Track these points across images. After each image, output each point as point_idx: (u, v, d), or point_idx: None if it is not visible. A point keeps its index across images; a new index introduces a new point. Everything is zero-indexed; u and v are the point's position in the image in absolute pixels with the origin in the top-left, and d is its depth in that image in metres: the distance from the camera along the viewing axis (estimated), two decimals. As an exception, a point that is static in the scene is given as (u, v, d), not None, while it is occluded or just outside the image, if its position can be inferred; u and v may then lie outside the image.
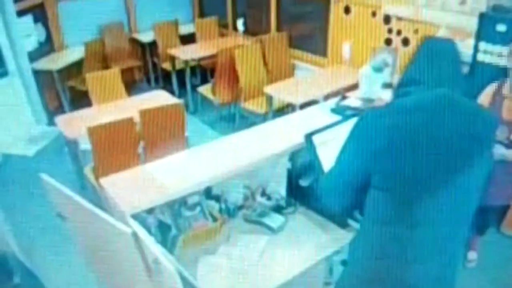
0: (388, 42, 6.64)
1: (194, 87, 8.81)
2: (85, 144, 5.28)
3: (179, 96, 8.07)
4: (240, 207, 3.65)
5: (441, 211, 2.32)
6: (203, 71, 9.64)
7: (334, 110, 3.97)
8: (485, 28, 5.05)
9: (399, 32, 6.47)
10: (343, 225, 3.39)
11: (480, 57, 5.12)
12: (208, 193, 3.50)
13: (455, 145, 2.29)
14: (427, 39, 2.67)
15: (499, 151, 3.83)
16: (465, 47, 5.45)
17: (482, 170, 2.43)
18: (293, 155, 3.58)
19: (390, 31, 6.58)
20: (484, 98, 3.96)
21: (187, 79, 8.82)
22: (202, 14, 10.66)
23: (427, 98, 2.37)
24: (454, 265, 2.56)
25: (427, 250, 2.37)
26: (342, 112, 3.89)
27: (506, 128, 3.83)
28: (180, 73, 9.00)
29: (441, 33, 5.83)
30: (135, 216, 2.78)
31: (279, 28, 8.80)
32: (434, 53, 2.51)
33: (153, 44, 9.75)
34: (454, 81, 2.46)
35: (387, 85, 4.15)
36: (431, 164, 2.28)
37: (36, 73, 8.28)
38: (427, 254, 2.37)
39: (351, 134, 2.51)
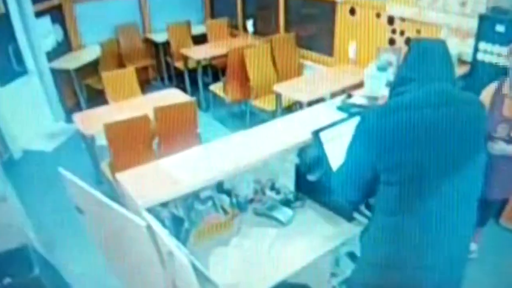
0: (392, 42, 6.64)
1: (206, 86, 8.83)
2: (102, 140, 5.29)
3: (192, 94, 8.05)
4: (250, 201, 3.66)
5: (448, 200, 2.35)
6: (215, 70, 9.66)
7: (340, 108, 3.97)
8: (485, 29, 5.05)
9: (402, 33, 6.46)
10: (349, 218, 3.40)
11: (480, 56, 5.13)
12: (219, 187, 3.50)
13: (456, 135, 2.32)
14: (414, 40, 2.68)
15: (501, 146, 3.83)
16: (466, 46, 5.47)
17: (482, 157, 2.47)
18: (301, 151, 3.59)
19: (393, 31, 6.58)
20: (485, 96, 3.96)
21: (199, 77, 8.83)
22: (213, 16, 10.69)
23: (423, 94, 2.40)
24: (464, 250, 2.59)
25: (438, 237, 2.39)
26: (348, 109, 3.89)
27: (506, 125, 3.83)
28: (193, 72, 9.01)
29: (443, 33, 5.83)
30: (149, 210, 2.78)
31: (287, 29, 8.80)
32: (423, 51, 2.52)
33: (166, 44, 9.77)
34: (445, 75, 2.49)
35: (391, 84, 4.15)
36: (435, 156, 2.31)
37: (54, 72, 8.34)
38: (438, 240, 2.39)
39: (355, 134, 2.54)
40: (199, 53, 8.87)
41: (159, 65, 10.24)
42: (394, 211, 2.43)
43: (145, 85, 9.00)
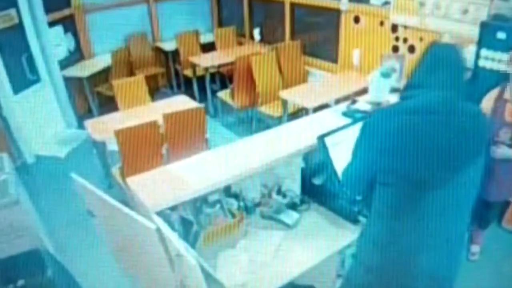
0: (395, 49, 6.62)
1: (214, 92, 8.83)
2: (113, 146, 5.29)
3: (200, 101, 8.08)
4: (257, 204, 3.66)
5: (442, 206, 2.35)
6: (222, 77, 9.64)
7: (345, 113, 3.97)
8: (486, 36, 5.04)
9: (405, 40, 6.45)
10: (354, 221, 3.40)
11: (482, 63, 5.11)
12: (227, 191, 3.51)
13: (455, 144, 2.31)
14: (433, 44, 2.65)
15: (503, 150, 3.84)
16: (467, 53, 5.45)
17: (479, 167, 2.44)
18: (306, 155, 3.59)
19: (397, 39, 6.56)
20: (487, 102, 3.96)
21: (207, 85, 8.83)
22: (221, 24, 10.68)
23: (427, 101, 2.40)
24: (456, 255, 2.56)
25: (430, 241, 2.39)
26: (353, 115, 3.89)
27: (508, 130, 3.84)
28: (201, 79, 9.00)
29: (445, 40, 5.82)
30: (159, 213, 2.79)
31: (293, 37, 8.79)
32: (438, 59, 2.49)
33: (175, 52, 9.75)
34: (456, 86, 2.45)
35: (394, 90, 4.15)
36: (432, 162, 2.31)
37: (67, 79, 8.35)
38: (430, 244, 2.39)
39: (360, 132, 2.54)
40: (207, 61, 8.87)
41: (168, 73, 10.24)
42: (389, 215, 2.43)
43: (155, 92, 9.01)
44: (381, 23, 6.74)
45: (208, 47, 9.79)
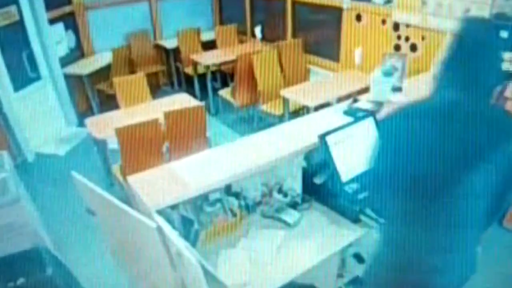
0: (397, 48, 6.62)
1: (215, 91, 8.83)
2: (113, 144, 5.29)
3: (201, 99, 8.09)
4: (258, 203, 3.66)
5: (452, 211, 2.32)
6: (223, 76, 9.67)
7: (347, 112, 3.97)
8: (489, 35, 5.04)
9: (407, 39, 6.44)
10: (355, 220, 3.40)
11: (484, 61, 5.10)
12: (228, 190, 3.50)
13: (464, 151, 2.24)
14: (467, 22, 2.45)
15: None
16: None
17: (494, 175, 2.32)
18: (308, 154, 3.59)
19: (399, 37, 6.56)
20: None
21: (208, 83, 8.82)
22: (222, 22, 10.68)
23: (445, 103, 2.29)
24: (472, 253, 2.56)
25: (446, 241, 2.39)
26: (354, 114, 3.88)
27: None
28: (202, 77, 9.00)
29: (447, 39, 5.82)
30: (160, 212, 2.79)
31: (294, 35, 8.78)
32: (471, 50, 2.29)
33: (176, 50, 9.76)
34: (481, 83, 2.27)
35: (396, 89, 4.14)
36: (442, 170, 2.27)
37: (67, 77, 8.35)
38: (446, 245, 2.40)
39: (378, 135, 2.50)
40: (208, 59, 8.88)
41: (169, 71, 10.26)
42: (401, 216, 2.42)
43: (156, 90, 9.03)
44: (383, 22, 6.73)
45: (209, 45, 9.81)
